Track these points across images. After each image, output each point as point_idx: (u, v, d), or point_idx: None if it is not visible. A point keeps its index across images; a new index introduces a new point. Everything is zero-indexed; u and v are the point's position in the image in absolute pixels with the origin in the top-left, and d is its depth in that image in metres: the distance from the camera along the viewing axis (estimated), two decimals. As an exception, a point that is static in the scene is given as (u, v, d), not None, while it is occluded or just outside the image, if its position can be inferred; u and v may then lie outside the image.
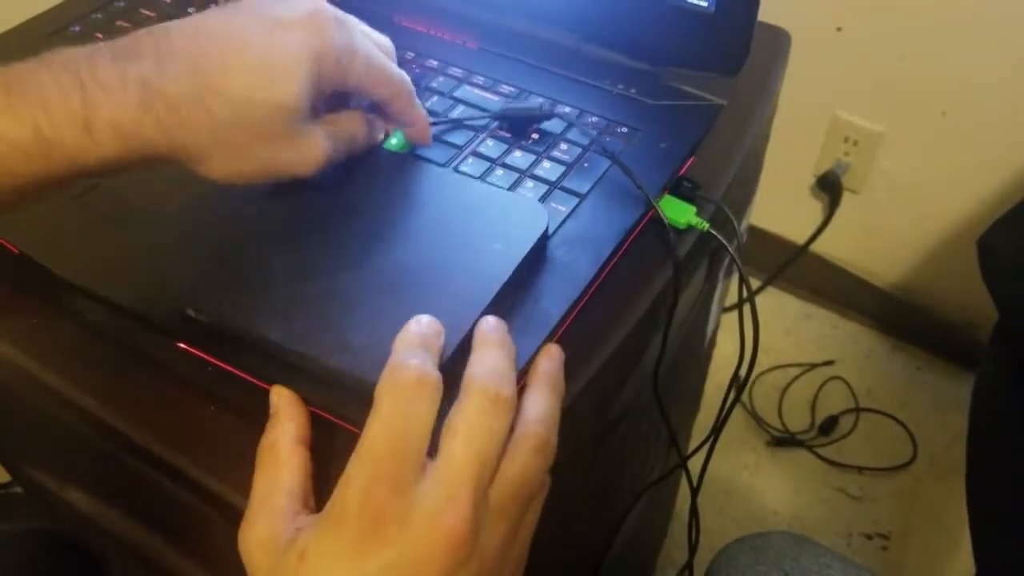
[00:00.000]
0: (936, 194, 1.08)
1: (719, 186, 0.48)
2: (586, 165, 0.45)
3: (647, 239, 0.43)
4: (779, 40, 0.59)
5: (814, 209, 1.20)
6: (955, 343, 1.18)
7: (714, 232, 0.43)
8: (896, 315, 1.23)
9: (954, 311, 1.16)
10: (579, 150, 0.46)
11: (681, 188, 0.45)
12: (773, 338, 1.23)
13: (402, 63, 0.52)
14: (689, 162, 0.48)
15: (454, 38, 0.55)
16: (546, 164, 0.45)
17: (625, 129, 0.48)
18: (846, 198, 1.15)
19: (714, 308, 0.67)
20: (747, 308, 0.44)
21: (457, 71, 0.52)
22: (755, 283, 1.27)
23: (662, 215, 0.42)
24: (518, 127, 0.47)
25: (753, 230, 1.24)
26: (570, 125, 0.47)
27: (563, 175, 0.45)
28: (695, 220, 0.43)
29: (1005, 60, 0.93)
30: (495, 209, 0.40)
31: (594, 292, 0.40)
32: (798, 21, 0.99)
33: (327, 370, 0.34)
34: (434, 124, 0.47)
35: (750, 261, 1.27)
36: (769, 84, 0.55)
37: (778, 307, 1.28)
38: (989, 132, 0.99)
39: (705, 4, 0.47)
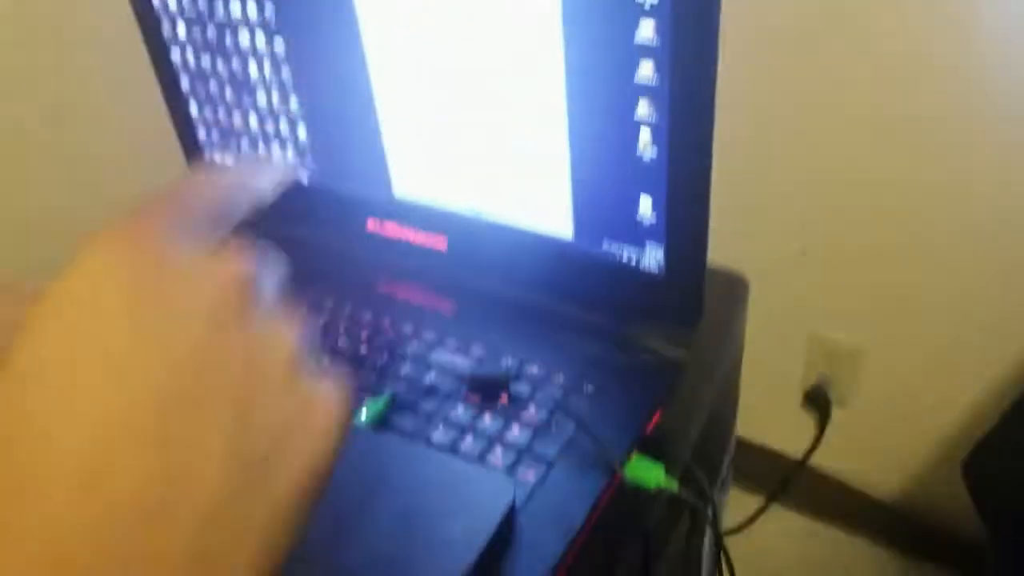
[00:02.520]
0: (923, 405, 1.09)
1: (687, 440, 0.49)
2: (553, 429, 0.46)
3: (618, 503, 0.43)
4: (737, 286, 0.62)
5: (807, 423, 1.20)
6: (966, 557, 1.14)
7: (684, 496, 0.43)
8: (905, 531, 1.19)
9: (960, 524, 1.13)
10: (547, 412, 0.47)
11: (648, 447, 0.46)
12: (782, 565, 1.19)
13: (378, 331, 0.55)
14: (656, 417, 0.49)
15: (430, 301, 0.58)
16: (515, 429, 0.46)
17: (591, 387, 0.49)
18: (835, 412, 1.16)
19: (707, 547, 0.65)
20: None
21: (431, 335, 0.54)
22: (756, 502, 1.24)
23: (627, 483, 0.42)
24: (487, 391, 0.49)
25: (749, 446, 1.23)
26: (536, 388, 0.48)
27: (531, 440, 0.46)
28: (664, 480, 0.44)
29: (979, 274, 0.96)
30: (461, 486, 0.40)
31: (566, 569, 0.40)
32: (761, 247, 1.05)
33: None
34: (407, 392, 0.49)
35: (750, 476, 1.25)
36: (731, 331, 0.58)
37: (782, 528, 1.24)
38: (966, 346, 1.01)
39: (656, 271, 0.50)
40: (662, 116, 0.45)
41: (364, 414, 0.46)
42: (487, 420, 0.47)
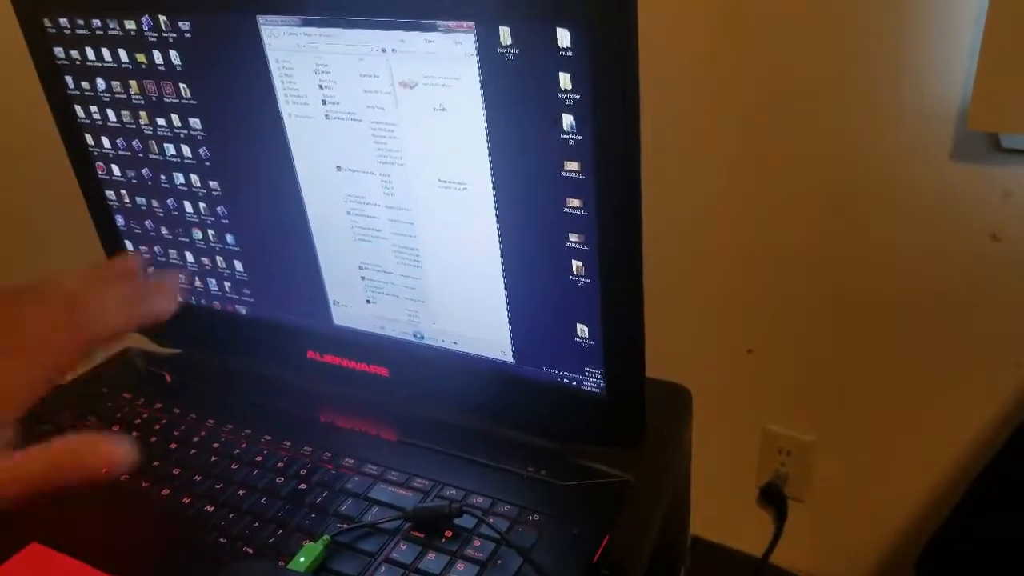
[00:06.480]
0: (876, 495, 1.09)
1: (639, 561, 0.48)
2: (500, 562, 0.45)
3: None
4: (680, 398, 0.62)
5: (764, 520, 1.19)
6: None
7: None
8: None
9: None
10: (492, 545, 0.46)
11: (598, 573, 0.45)
12: (751, 666, 1.15)
13: (317, 466, 0.54)
14: (604, 542, 0.48)
15: (372, 428, 0.57)
16: (459, 566, 0.45)
17: (537, 516, 0.48)
18: (792, 507, 1.15)
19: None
20: None
21: (373, 468, 0.53)
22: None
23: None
24: (431, 526, 0.48)
25: (709, 546, 1.22)
26: (481, 521, 0.47)
27: (477, 578, 0.44)
28: (613, 615, 0.43)
29: (927, 361, 0.98)
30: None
31: None
32: (707, 350, 1.06)
33: None
34: (348, 531, 0.48)
35: (712, 579, 1.22)
36: (676, 444, 0.58)
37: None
38: (911, 435, 1.02)
39: (597, 392, 0.51)
40: (591, 243, 0.46)
41: (302, 560, 0.44)
42: (431, 557, 0.46)
